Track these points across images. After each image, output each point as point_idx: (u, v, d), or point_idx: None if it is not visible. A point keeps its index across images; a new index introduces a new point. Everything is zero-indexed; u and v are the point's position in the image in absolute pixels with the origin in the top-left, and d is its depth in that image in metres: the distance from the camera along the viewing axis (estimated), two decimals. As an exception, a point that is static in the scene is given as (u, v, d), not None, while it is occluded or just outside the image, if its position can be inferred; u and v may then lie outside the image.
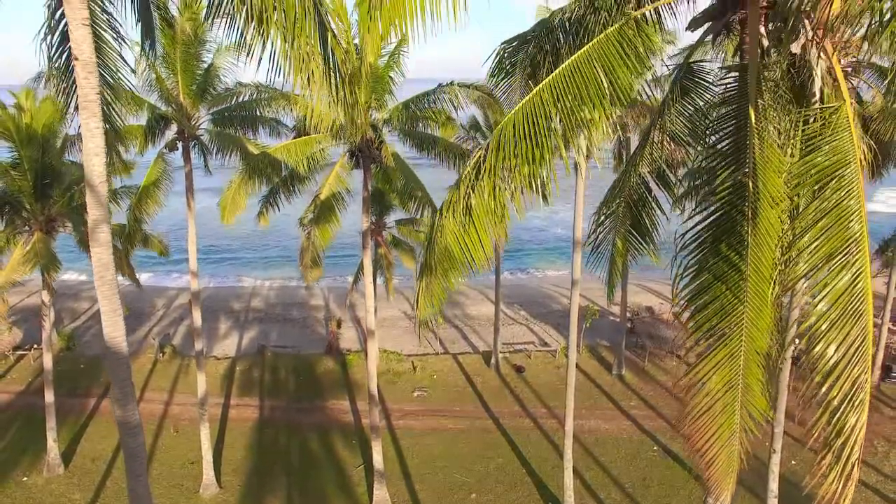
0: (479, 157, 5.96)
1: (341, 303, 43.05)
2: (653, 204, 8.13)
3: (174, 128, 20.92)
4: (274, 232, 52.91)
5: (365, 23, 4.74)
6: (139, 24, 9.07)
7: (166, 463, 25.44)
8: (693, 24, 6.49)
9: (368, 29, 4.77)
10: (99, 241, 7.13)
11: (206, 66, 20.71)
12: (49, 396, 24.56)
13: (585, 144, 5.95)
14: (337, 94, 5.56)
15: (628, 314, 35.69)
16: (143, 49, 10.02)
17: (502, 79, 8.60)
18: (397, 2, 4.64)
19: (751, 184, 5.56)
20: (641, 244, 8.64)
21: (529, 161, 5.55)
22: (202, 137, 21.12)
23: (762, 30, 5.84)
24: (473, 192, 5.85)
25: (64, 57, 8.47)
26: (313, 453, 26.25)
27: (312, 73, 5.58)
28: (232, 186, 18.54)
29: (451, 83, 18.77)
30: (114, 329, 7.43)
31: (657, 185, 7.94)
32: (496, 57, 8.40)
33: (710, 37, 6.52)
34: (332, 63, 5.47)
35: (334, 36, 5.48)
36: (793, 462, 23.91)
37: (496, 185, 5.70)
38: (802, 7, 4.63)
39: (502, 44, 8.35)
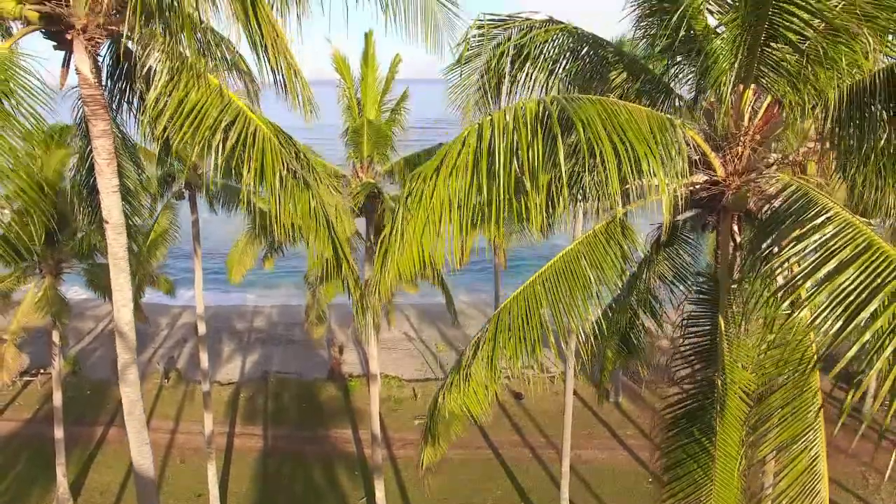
0: (478, 338, 6.60)
1: (342, 322, 43.59)
2: (640, 329, 8.75)
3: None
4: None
5: (379, 265, 5.37)
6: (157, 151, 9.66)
7: (173, 495, 26.07)
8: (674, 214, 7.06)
9: (380, 277, 5.42)
10: (128, 382, 7.78)
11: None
12: (59, 433, 25.15)
13: (574, 342, 6.57)
14: (349, 290, 6.21)
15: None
16: (159, 157, 10.62)
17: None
18: (407, 256, 5.27)
19: (720, 382, 6.19)
20: (630, 356, 9.29)
21: (523, 354, 6.16)
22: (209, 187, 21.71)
23: (735, 227, 6.45)
24: (471, 367, 6.47)
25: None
26: (317, 485, 26.90)
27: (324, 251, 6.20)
28: (238, 245, 19.11)
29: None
30: (142, 458, 8.08)
31: (644, 313, 8.56)
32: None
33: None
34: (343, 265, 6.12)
35: (347, 261, 6.10)
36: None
37: (493, 362, 6.32)
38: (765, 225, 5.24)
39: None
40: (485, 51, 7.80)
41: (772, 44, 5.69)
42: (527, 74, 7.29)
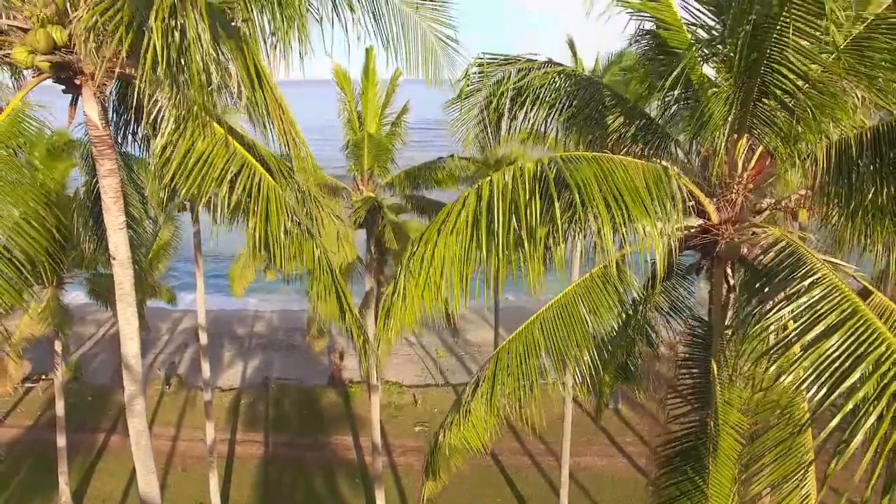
0: (477, 378, 6.77)
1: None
2: (637, 356, 8.93)
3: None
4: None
5: (382, 322, 5.56)
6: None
7: (175, 504, 26.25)
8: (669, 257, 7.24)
9: (383, 334, 5.60)
10: (134, 413, 7.96)
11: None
12: (61, 441, 25.27)
13: (571, 383, 6.74)
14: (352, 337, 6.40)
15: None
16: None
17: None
18: (409, 312, 5.45)
19: (712, 423, 6.35)
20: (627, 382, 9.48)
21: (519, 397, 6.33)
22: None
23: (728, 270, 6.62)
24: (471, 405, 6.64)
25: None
26: (318, 493, 27.05)
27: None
28: (240, 261, 19.26)
29: (452, 156, 19.58)
30: (148, 487, 8.25)
31: (641, 343, 8.73)
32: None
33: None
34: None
35: (350, 311, 6.28)
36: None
37: (493, 400, 6.49)
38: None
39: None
40: (485, 86, 7.96)
41: (764, 100, 5.86)
42: (525, 113, 7.47)
